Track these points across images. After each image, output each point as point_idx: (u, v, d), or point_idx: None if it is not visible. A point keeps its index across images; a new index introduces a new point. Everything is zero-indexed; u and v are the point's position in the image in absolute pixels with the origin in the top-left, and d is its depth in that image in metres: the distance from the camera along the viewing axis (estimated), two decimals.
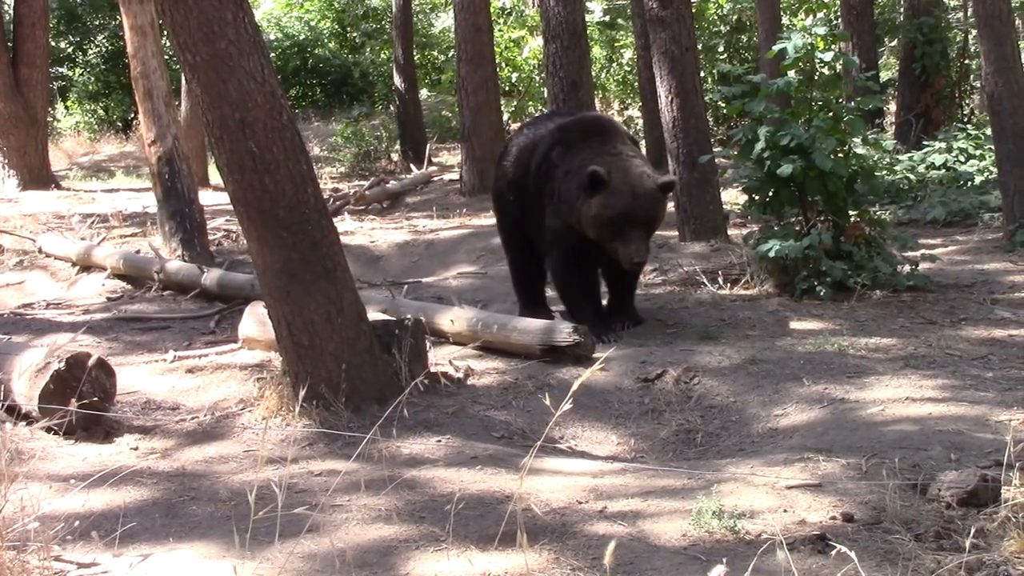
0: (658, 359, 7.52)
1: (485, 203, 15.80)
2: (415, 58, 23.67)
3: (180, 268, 10.93)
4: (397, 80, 22.09)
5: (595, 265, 8.53)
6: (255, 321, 8.08)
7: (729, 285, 9.61)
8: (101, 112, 29.45)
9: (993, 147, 11.83)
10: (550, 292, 9.14)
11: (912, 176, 14.98)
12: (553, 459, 5.89)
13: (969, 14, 17.81)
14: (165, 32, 7.90)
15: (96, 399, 6.52)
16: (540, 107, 23.62)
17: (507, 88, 24.88)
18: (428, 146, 21.04)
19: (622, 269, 8.22)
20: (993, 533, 4.39)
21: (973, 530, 4.30)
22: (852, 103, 10.60)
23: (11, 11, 20.39)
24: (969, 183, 14.15)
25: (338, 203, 16.23)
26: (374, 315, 7.26)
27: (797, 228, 9.47)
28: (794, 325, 8.34)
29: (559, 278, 8.65)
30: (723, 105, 17.97)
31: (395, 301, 8.79)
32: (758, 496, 5.01)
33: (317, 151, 23.16)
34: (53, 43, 26.00)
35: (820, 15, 22.14)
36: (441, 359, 7.59)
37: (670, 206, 9.46)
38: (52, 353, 6.56)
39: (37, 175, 19.15)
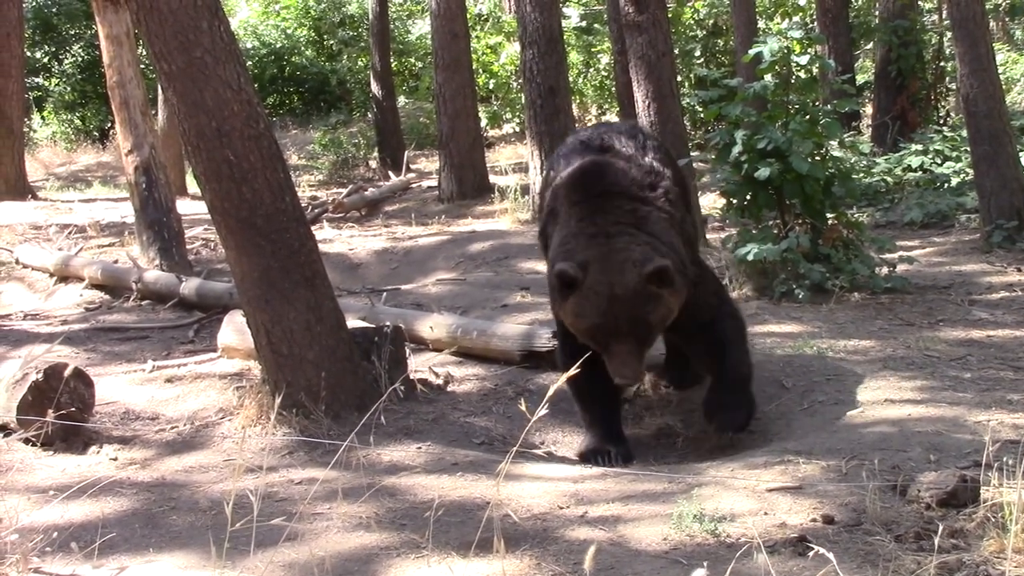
0: None
1: (463, 209, 15.84)
2: (392, 65, 23.66)
3: (158, 278, 10.89)
4: (375, 87, 22.08)
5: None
6: (234, 330, 8.06)
7: None
8: (78, 122, 29.35)
9: (969, 149, 11.88)
10: None
11: (889, 178, 15.05)
12: (533, 464, 5.89)
13: (944, 17, 17.88)
14: (141, 41, 7.88)
15: (75, 410, 6.49)
16: (518, 113, 23.64)
17: (484, 94, 24.89)
18: (406, 153, 21.04)
19: (697, 346, 6.59)
20: (972, 533, 4.40)
21: (950, 530, 4.34)
22: (828, 106, 10.64)
23: None
24: (946, 185, 14.22)
25: (316, 211, 16.19)
26: (353, 323, 7.25)
27: (775, 231, 9.49)
28: (773, 328, 8.35)
29: (562, 368, 6.40)
30: (700, 109, 18.07)
31: (374, 308, 8.77)
32: (739, 499, 5.01)
33: (295, 159, 23.11)
34: (28, 53, 25.90)
35: (796, 19, 22.23)
36: (421, 366, 7.58)
37: None
38: (30, 364, 6.53)
39: (13, 186, 19.08)
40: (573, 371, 3.85)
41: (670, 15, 15.22)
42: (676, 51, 17.67)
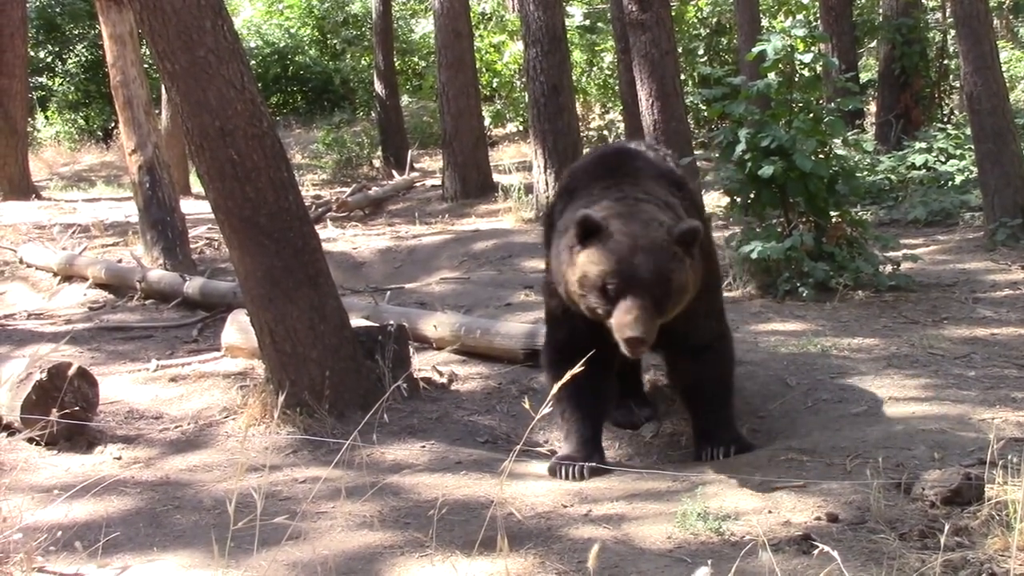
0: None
1: (466, 208, 15.85)
2: (396, 64, 23.65)
3: (162, 277, 10.89)
4: (378, 86, 22.08)
5: (604, 367, 5.71)
6: (238, 329, 8.06)
7: None
8: (81, 122, 29.34)
9: (973, 146, 11.87)
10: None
11: (893, 176, 15.02)
12: (538, 463, 5.89)
13: (948, 14, 17.86)
14: (144, 41, 7.88)
15: (79, 409, 6.49)
16: (521, 112, 23.63)
17: (488, 93, 24.88)
18: (410, 152, 21.03)
19: (686, 372, 6.03)
20: (977, 531, 4.40)
21: (954, 528, 4.32)
22: (832, 104, 10.63)
23: None
24: (950, 183, 14.20)
25: (320, 210, 16.19)
26: (357, 322, 7.24)
27: (779, 229, 9.49)
28: (777, 326, 8.35)
29: (546, 374, 6.29)
30: (704, 107, 18.01)
31: (378, 307, 8.77)
32: (743, 497, 5.01)
33: (299, 158, 23.11)
34: (32, 53, 25.89)
35: (800, 17, 22.16)
36: (425, 365, 7.58)
37: None
38: (34, 363, 6.53)
39: (17, 186, 19.09)
40: (570, 376, 3.81)
41: (673, 13, 15.19)
42: (679, 49, 17.63)
